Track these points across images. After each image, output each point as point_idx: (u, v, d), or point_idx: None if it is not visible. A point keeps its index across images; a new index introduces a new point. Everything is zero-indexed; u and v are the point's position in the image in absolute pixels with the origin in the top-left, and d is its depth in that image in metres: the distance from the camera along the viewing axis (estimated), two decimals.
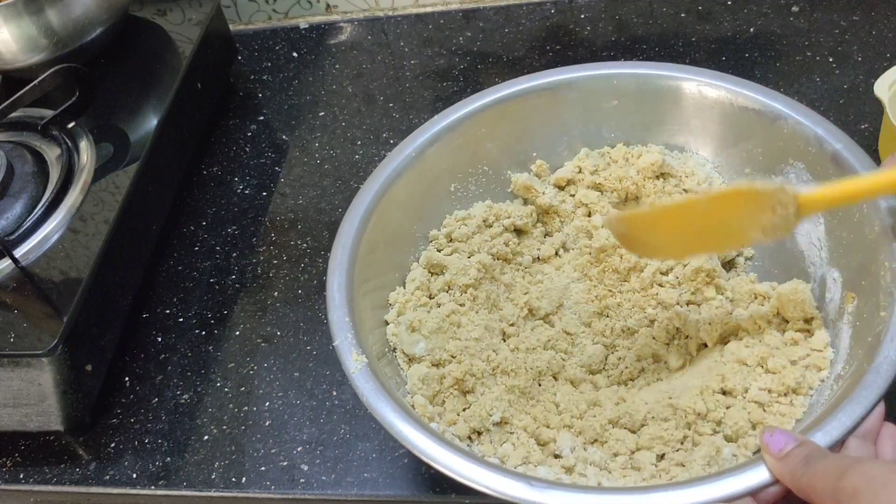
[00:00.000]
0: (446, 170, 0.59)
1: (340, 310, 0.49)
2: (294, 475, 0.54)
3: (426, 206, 0.58)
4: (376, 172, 0.56)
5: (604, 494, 0.41)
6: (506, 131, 0.60)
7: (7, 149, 0.66)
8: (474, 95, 0.60)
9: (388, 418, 0.44)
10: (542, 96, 0.60)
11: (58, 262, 0.59)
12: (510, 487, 0.41)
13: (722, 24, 0.77)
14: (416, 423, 0.44)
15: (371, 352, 0.48)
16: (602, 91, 0.60)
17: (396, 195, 0.56)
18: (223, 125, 0.80)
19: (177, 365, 0.62)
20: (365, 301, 0.51)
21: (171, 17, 0.79)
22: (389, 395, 0.45)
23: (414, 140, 0.58)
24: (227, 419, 0.58)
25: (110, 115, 0.71)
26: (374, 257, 0.54)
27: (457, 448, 0.43)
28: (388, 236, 0.55)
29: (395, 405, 0.44)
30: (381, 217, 0.55)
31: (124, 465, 0.57)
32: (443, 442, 0.43)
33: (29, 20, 0.69)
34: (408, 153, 0.57)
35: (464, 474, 0.42)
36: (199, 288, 0.67)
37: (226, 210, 0.72)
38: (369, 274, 0.53)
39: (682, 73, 0.58)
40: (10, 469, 0.58)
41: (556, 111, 0.60)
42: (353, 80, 0.81)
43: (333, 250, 0.52)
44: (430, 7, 0.87)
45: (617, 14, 0.80)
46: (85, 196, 0.63)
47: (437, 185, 0.59)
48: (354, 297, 0.50)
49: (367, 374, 0.46)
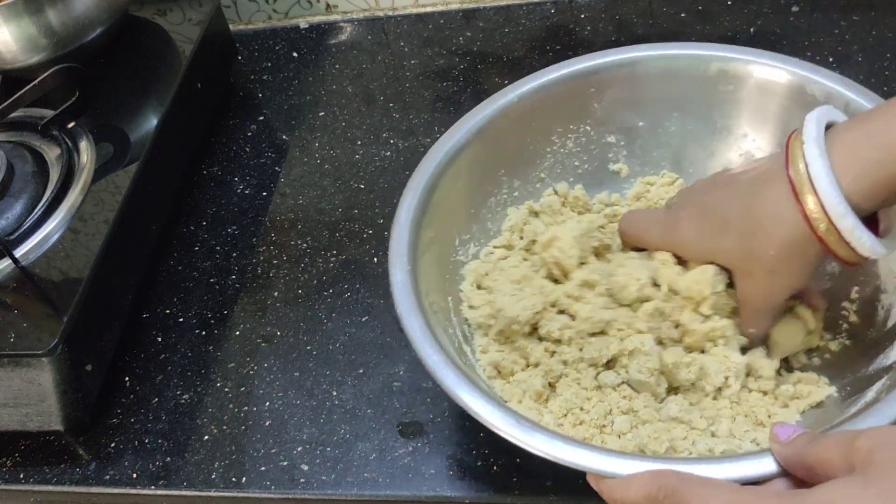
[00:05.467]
0: (548, 117, 0.60)
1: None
2: (294, 475, 0.54)
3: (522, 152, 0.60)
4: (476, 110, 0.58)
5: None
6: (614, 96, 0.60)
7: (7, 149, 0.66)
8: (590, 55, 0.60)
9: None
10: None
11: (58, 262, 0.59)
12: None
13: (722, 24, 0.77)
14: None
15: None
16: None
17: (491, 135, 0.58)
18: (223, 125, 0.80)
19: (177, 365, 0.62)
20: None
21: (171, 17, 0.79)
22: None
23: (519, 87, 0.59)
24: (227, 419, 0.58)
25: (110, 115, 0.71)
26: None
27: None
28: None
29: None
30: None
31: (124, 465, 0.57)
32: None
33: (29, 20, 0.68)
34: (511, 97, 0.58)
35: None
36: (199, 288, 0.67)
37: (226, 210, 0.72)
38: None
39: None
40: (10, 469, 0.58)
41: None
42: (353, 80, 0.81)
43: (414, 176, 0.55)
44: (430, 7, 0.87)
45: (617, 14, 0.80)
46: (85, 196, 0.63)
47: (536, 132, 0.60)
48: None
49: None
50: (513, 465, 0.52)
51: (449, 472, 0.52)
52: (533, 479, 0.51)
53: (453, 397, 0.44)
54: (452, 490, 0.52)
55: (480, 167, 0.58)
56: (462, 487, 0.52)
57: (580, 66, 0.60)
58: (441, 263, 0.55)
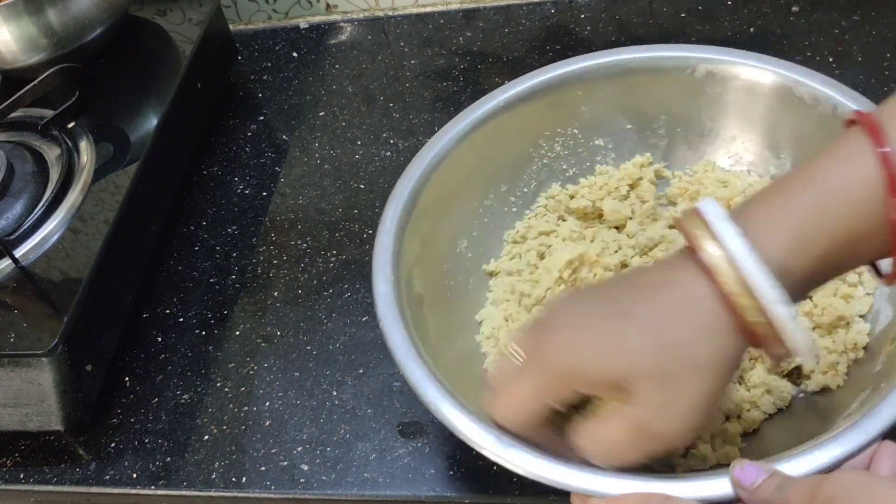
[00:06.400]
0: (533, 126, 0.59)
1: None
2: (294, 475, 0.54)
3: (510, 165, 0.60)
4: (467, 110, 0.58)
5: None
6: (602, 98, 0.60)
7: (7, 149, 0.66)
8: (578, 57, 0.60)
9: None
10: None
11: (58, 262, 0.59)
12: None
13: (722, 24, 0.77)
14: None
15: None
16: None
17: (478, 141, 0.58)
18: (223, 125, 0.80)
19: (177, 365, 0.62)
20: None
21: (171, 17, 0.79)
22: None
23: (509, 88, 0.59)
24: (227, 419, 0.58)
25: (110, 115, 0.71)
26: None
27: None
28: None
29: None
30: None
31: (124, 465, 0.57)
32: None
33: (29, 20, 0.68)
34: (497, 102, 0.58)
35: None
36: (199, 288, 0.67)
37: (226, 210, 0.72)
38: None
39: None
40: (10, 469, 0.58)
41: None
42: (353, 80, 0.81)
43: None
44: (430, 7, 0.87)
45: (617, 14, 0.80)
46: (85, 196, 0.63)
47: (522, 141, 0.60)
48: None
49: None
50: None
51: (449, 472, 0.52)
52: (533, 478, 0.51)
53: (434, 412, 0.44)
54: (452, 490, 0.52)
55: (467, 172, 0.58)
56: (462, 487, 0.52)
57: (568, 69, 0.59)
58: (429, 272, 0.54)
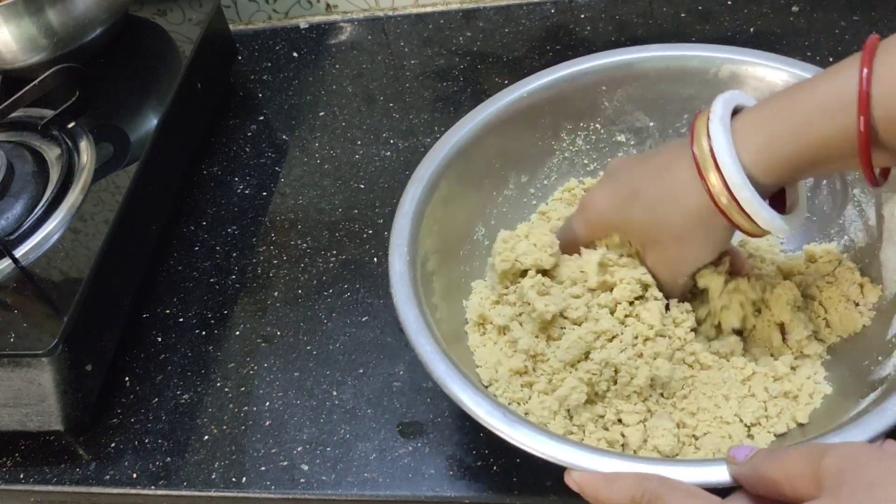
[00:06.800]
0: (556, 118, 0.60)
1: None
2: (294, 475, 0.54)
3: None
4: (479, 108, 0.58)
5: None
6: (624, 95, 0.60)
7: (7, 149, 0.66)
8: (600, 53, 0.61)
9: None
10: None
11: (58, 262, 0.59)
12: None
13: (722, 24, 0.77)
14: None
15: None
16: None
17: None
18: (223, 125, 0.80)
19: (177, 365, 0.62)
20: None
21: (171, 17, 0.79)
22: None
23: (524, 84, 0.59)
24: (227, 419, 0.58)
25: (110, 115, 0.71)
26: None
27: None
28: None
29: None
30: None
31: (124, 465, 0.57)
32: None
33: (29, 20, 0.69)
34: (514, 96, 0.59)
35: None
36: (199, 288, 0.67)
37: (226, 210, 0.72)
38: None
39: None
40: (10, 469, 0.58)
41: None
42: (353, 80, 0.81)
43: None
44: (430, 7, 0.87)
45: (617, 14, 0.80)
46: (85, 196, 0.63)
47: (545, 133, 0.60)
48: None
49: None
50: (513, 465, 0.52)
51: (449, 472, 0.52)
52: (533, 479, 0.51)
53: (442, 387, 0.45)
54: (452, 490, 0.52)
55: (487, 162, 0.58)
56: (462, 487, 0.52)
57: (591, 64, 0.60)
58: (445, 256, 0.55)
